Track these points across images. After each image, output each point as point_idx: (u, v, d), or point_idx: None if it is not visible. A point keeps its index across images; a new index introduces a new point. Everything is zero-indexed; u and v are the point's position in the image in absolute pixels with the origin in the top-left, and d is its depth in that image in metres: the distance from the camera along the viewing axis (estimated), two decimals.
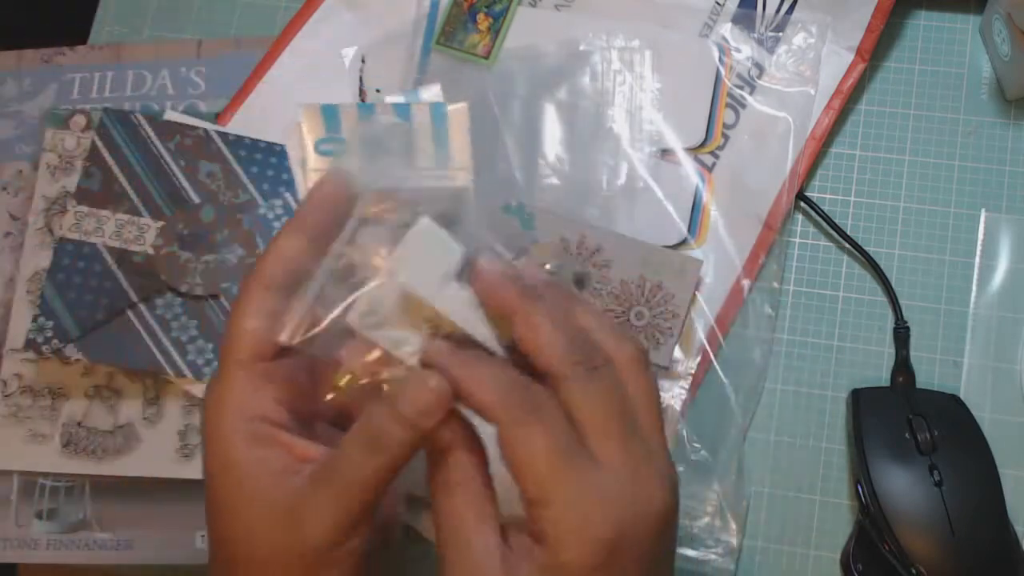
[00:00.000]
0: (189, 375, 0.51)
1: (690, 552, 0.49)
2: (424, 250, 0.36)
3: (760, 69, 0.56)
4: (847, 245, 0.54)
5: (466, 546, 0.34)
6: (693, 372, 0.52)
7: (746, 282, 0.53)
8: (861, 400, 0.50)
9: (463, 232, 0.37)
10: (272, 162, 0.54)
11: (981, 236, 0.54)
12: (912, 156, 0.55)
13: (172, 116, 0.56)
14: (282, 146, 0.54)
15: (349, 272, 0.37)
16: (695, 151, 0.55)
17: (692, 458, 0.51)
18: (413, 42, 0.57)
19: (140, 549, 0.53)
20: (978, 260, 0.54)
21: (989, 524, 0.48)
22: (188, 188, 0.53)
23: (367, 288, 0.36)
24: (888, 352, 0.53)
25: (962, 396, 0.51)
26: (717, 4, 0.57)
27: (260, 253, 0.43)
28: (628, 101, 0.55)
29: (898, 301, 0.53)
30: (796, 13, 0.56)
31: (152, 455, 0.52)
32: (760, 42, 0.56)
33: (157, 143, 0.54)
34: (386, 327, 0.36)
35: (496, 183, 0.54)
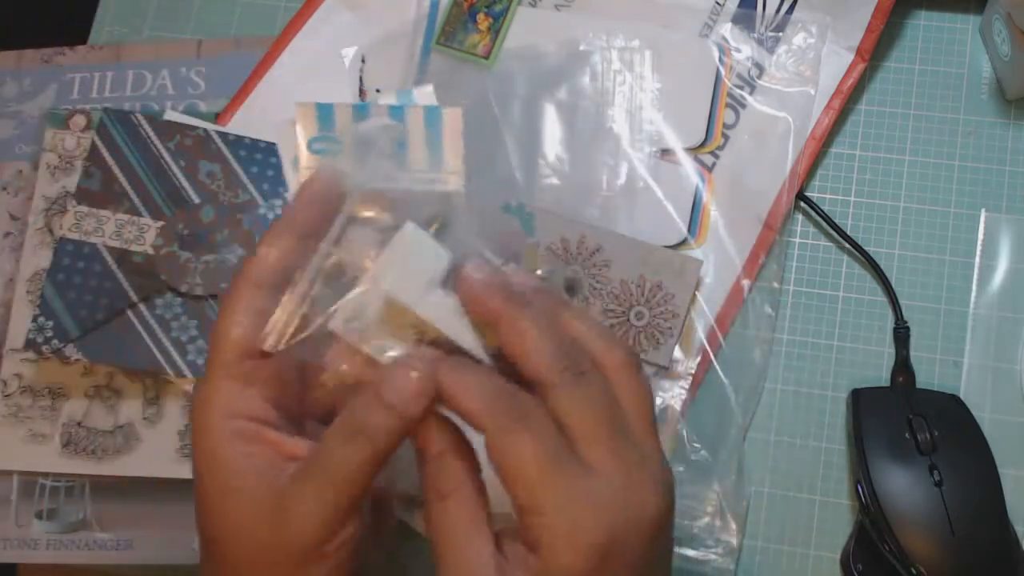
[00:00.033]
0: (189, 375, 0.51)
1: (690, 552, 0.49)
2: (409, 256, 0.36)
3: (760, 69, 0.56)
4: (847, 245, 0.54)
5: (461, 556, 0.34)
6: (693, 372, 0.52)
7: (746, 282, 0.53)
8: (861, 400, 0.50)
9: (452, 237, 0.37)
10: (272, 162, 0.54)
11: (981, 236, 0.54)
12: (912, 156, 0.55)
13: (172, 116, 0.56)
14: None
15: (338, 272, 0.36)
16: (695, 151, 0.55)
17: (692, 458, 0.51)
18: (413, 42, 0.57)
19: (140, 549, 0.53)
20: (978, 260, 0.54)
21: (989, 524, 0.48)
22: (188, 188, 0.53)
23: (351, 295, 0.35)
24: (888, 352, 0.53)
25: (962, 396, 0.51)
26: (717, 4, 0.57)
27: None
28: (628, 101, 0.55)
29: (898, 301, 0.53)
30: (796, 13, 0.56)
31: (152, 455, 0.52)
32: (760, 42, 0.56)
33: (157, 143, 0.54)
34: (370, 333, 0.35)
35: (496, 183, 0.54)
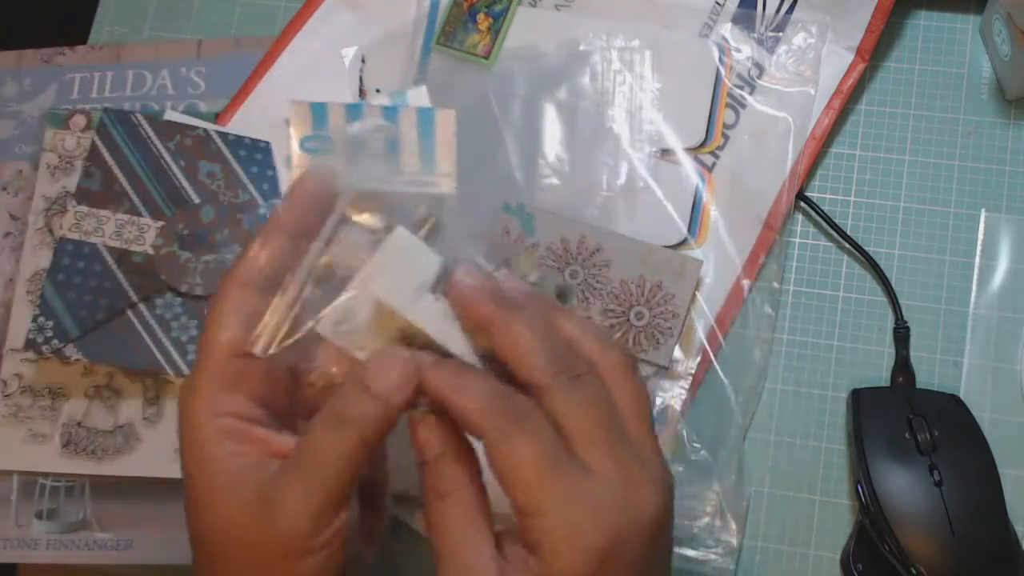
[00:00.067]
0: None
1: (690, 552, 0.49)
2: (400, 260, 0.35)
3: (760, 69, 0.56)
4: (847, 245, 0.54)
5: (461, 557, 0.34)
6: (693, 372, 0.52)
7: (746, 282, 0.53)
8: (861, 400, 0.50)
9: (443, 241, 0.37)
10: (272, 162, 0.54)
11: (981, 236, 0.54)
12: (912, 156, 0.55)
13: (172, 116, 0.56)
14: None
15: (329, 274, 0.36)
16: (695, 151, 0.55)
17: (692, 458, 0.51)
18: (413, 42, 0.57)
19: (140, 549, 0.53)
20: (978, 260, 0.54)
21: (989, 524, 0.48)
22: (188, 188, 0.53)
23: (341, 299, 0.35)
24: (888, 352, 0.53)
25: (962, 396, 0.51)
26: (717, 4, 0.57)
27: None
28: (628, 101, 0.55)
29: (898, 301, 0.53)
30: (796, 13, 0.56)
31: (152, 455, 0.52)
32: (760, 42, 0.56)
33: (157, 143, 0.54)
34: (359, 337, 0.35)
35: (496, 183, 0.54)
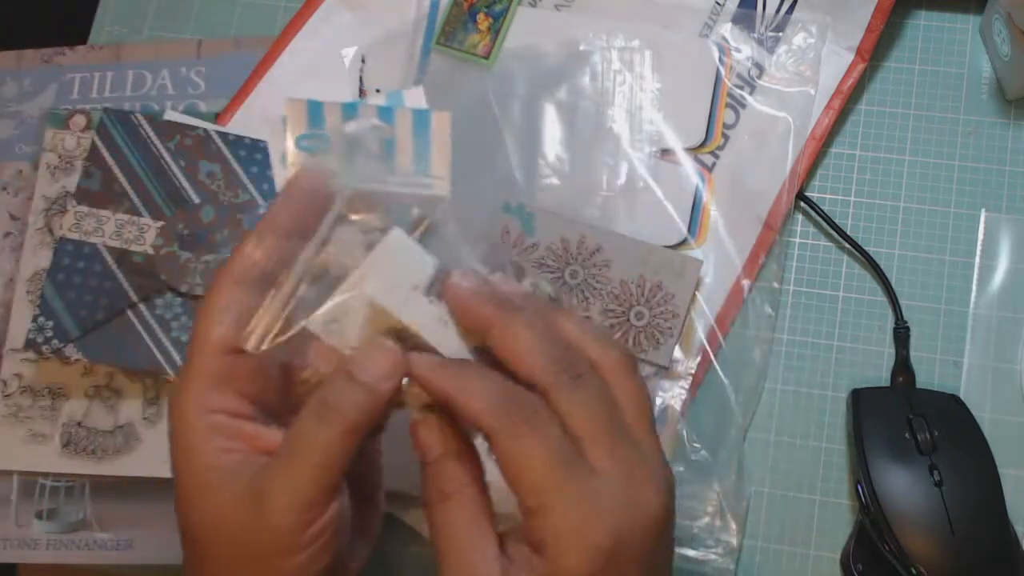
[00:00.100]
0: None
1: (690, 552, 0.49)
2: (395, 262, 0.35)
3: (760, 69, 0.56)
4: (847, 245, 0.54)
5: (464, 557, 0.34)
6: (693, 372, 0.52)
7: (746, 282, 0.53)
8: (861, 400, 0.50)
9: (438, 243, 0.37)
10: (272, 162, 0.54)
11: (981, 236, 0.54)
12: (912, 156, 0.55)
13: (172, 116, 0.56)
14: None
15: (324, 272, 0.36)
16: (695, 151, 0.55)
17: (692, 458, 0.51)
18: (413, 42, 0.57)
19: (140, 549, 0.53)
20: (978, 260, 0.54)
21: (989, 524, 0.48)
22: (188, 188, 0.53)
23: (336, 298, 0.35)
24: (888, 352, 0.53)
25: (962, 396, 0.51)
26: (717, 4, 0.57)
27: None
28: (628, 101, 0.55)
29: (898, 301, 0.53)
30: (796, 13, 0.56)
31: (152, 455, 0.52)
32: (760, 42, 0.56)
33: (157, 143, 0.54)
34: (352, 338, 0.35)
35: (496, 183, 0.54)
